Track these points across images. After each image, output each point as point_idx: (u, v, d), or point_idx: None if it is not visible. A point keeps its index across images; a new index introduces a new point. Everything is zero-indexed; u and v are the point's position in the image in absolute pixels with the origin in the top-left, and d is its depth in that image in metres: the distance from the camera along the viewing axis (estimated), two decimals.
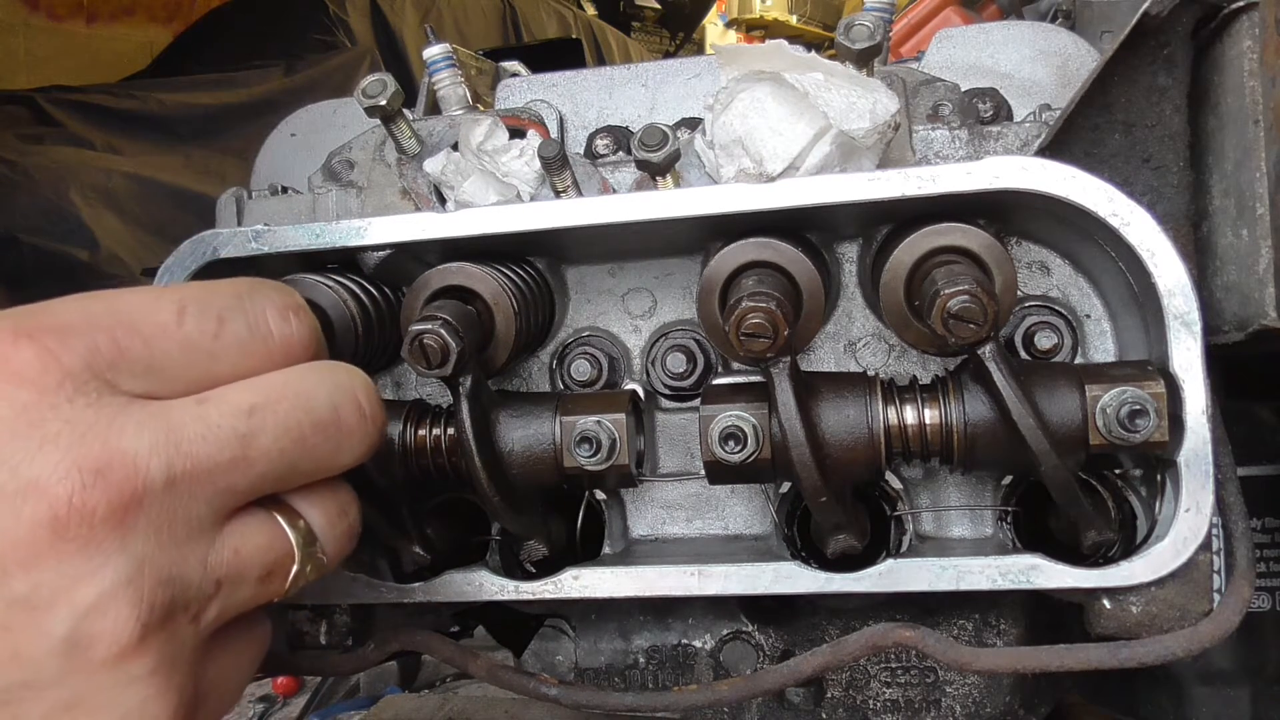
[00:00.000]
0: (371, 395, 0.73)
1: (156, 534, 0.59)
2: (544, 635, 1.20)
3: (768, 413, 0.86)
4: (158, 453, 0.59)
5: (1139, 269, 0.84)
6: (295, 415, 0.66)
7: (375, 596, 0.98)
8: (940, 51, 1.26)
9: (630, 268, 1.06)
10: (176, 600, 0.60)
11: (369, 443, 0.72)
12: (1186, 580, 0.85)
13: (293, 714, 3.58)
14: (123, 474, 0.57)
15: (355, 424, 0.70)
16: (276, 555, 0.67)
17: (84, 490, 0.56)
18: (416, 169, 1.15)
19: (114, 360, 0.61)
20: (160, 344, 0.63)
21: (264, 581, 0.67)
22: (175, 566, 0.60)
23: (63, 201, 3.77)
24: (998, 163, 0.83)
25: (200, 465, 0.61)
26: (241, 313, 0.68)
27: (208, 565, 0.62)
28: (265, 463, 0.65)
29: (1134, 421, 0.82)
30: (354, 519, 0.74)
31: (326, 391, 0.69)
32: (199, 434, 0.61)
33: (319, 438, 0.68)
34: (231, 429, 0.63)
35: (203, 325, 0.65)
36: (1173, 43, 0.90)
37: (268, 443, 0.64)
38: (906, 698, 1.11)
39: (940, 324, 0.79)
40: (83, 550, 0.56)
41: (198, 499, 0.61)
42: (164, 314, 0.64)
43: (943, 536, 0.99)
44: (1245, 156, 0.87)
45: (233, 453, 0.63)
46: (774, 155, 0.89)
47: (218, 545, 0.63)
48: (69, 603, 0.56)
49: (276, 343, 0.69)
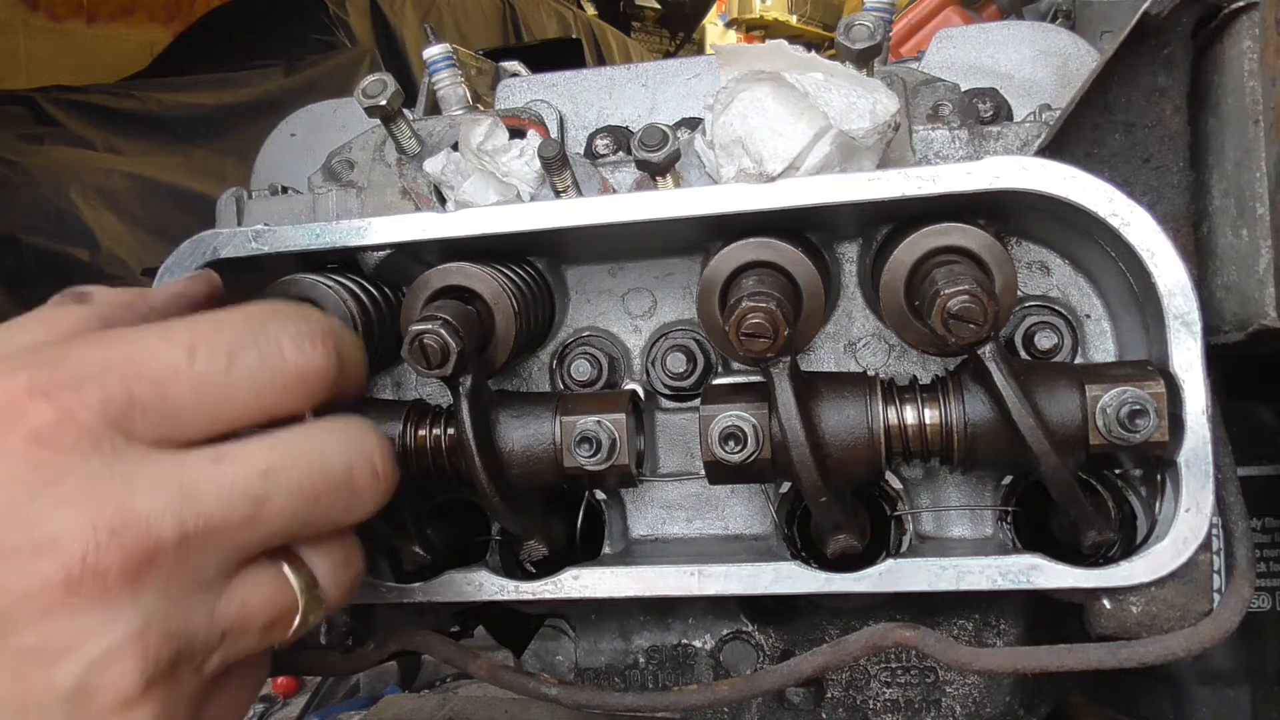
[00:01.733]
0: (386, 455, 0.73)
1: (166, 590, 0.60)
2: (544, 635, 1.20)
3: (768, 413, 0.86)
4: (171, 512, 0.60)
5: (1139, 269, 0.84)
6: (310, 477, 0.67)
7: (375, 597, 0.98)
8: (940, 51, 1.26)
9: (630, 268, 1.06)
10: (181, 653, 0.62)
11: (380, 501, 0.73)
12: (1186, 580, 0.85)
13: (293, 714, 3.58)
14: (136, 534, 0.59)
15: (368, 485, 0.71)
16: (281, 606, 0.68)
17: (98, 549, 0.58)
18: (416, 169, 1.15)
19: (128, 409, 0.62)
20: (173, 388, 0.63)
21: (267, 631, 0.68)
22: (182, 621, 0.62)
23: (63, 201, 3.77)
24: (998, 163, 0.83)
25: (212, 525, 0.62)
26: (254, 346, 0.67)
27: (214, 618, 0.64)
28: (277, 522, 0.66)
29: (1134, 421, 0.81)
30: (358, 569, 0.75)
31: (342, 451, 0.69)
32: (213, 493, 0.62)
33: (331, 497, 0.68)
34: (245, 490, 0.63)
35: (214, 362, 0.65)
36: (1173, 43, 0.90)
37: (281, 503, 0.65)
38: (906, 698, 1.11)
39: (940, 324, 0.79)
40: (94, 606, 0.58)
41: (208, 556, 0.63)
42: (175, 355, 0.64)
43: (943, 536, 0.99)
44: (1245, 156, 0.87)
45: (245, 513, 0.63)
46: (774, 155, 0.89)
47: (225, 598, 0.64)
48: (78, 655, 0.58)
49: (292, 375, 0.68)
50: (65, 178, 3.82)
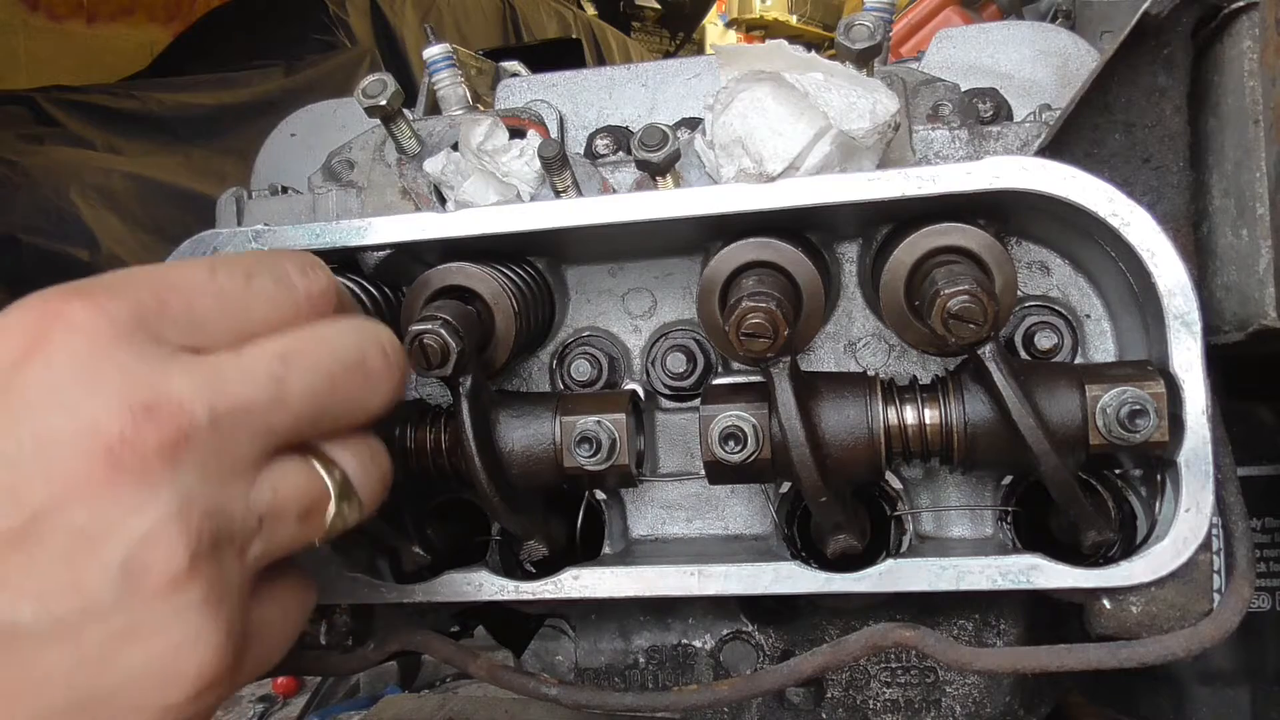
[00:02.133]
0: (394, 343, 0.78)
1: (203, 469, 0.63)
2: (544, 635, 1.20)
3: (768, 413, 0.86)
4: (201, 394, 0.64)
5: (1139, 269, 0.84)
6: (324, 360, 0.72)
7: (375, 597, 0.98)
8: (940, 51, 1.26)
9: (630, 268, 1.06)
10: (222, 533, 0.64)
11: (394, 386, 0.77)
12: (1186, 580, 0.85)
13: (293, 714, 3.58)
14: (170, 412, 0.62)
15: (381, 368, 0.76)
16: (313, 496, 0.72)
17: (135, 426, 0.61)
18: (416, 169, 1.15)
19: (158, 313, 0.66)
20: (198, 299, 0.69)
21: (303, 521, 0.71)
22: (220, 501, 0.64)
23: (63, 201, 3.77)
24: (998, 163, 0.83)
25: (240, 405, 0.66)
26: (266, 268, 0.74)
27: (250, 502, 0.67)
28: (299, 403, 0.70)
29: (1134, 421, 0.82)
30: (385, 466, 0.79)
31: (353, 339, 0.75)
32: (238, 378, 0.67)
33: (347, 380, 0.73)
34: (267, 372, 0.68)
35: (233, 279, 0.71)
36: (1173, 43, 0.90)
37: (300, 384, 0.70)
38: (906, 698, 1.11)
39: (940, 324, 0.79)
40: (136, 483, 0.60)
41: (239, 438, 0.66)
42: (198, 274, 0.71)
43: (943, 536, 0.99)
44: (1245, 156, 0.87)
45: (269, 394, 0.68)
46: (774, 155, 0.89)
47: (259, 484, 0.68)
48: (124, 532, 0.60)
49: (301, 293, 0.75)
50: (65, 178, 3.82)
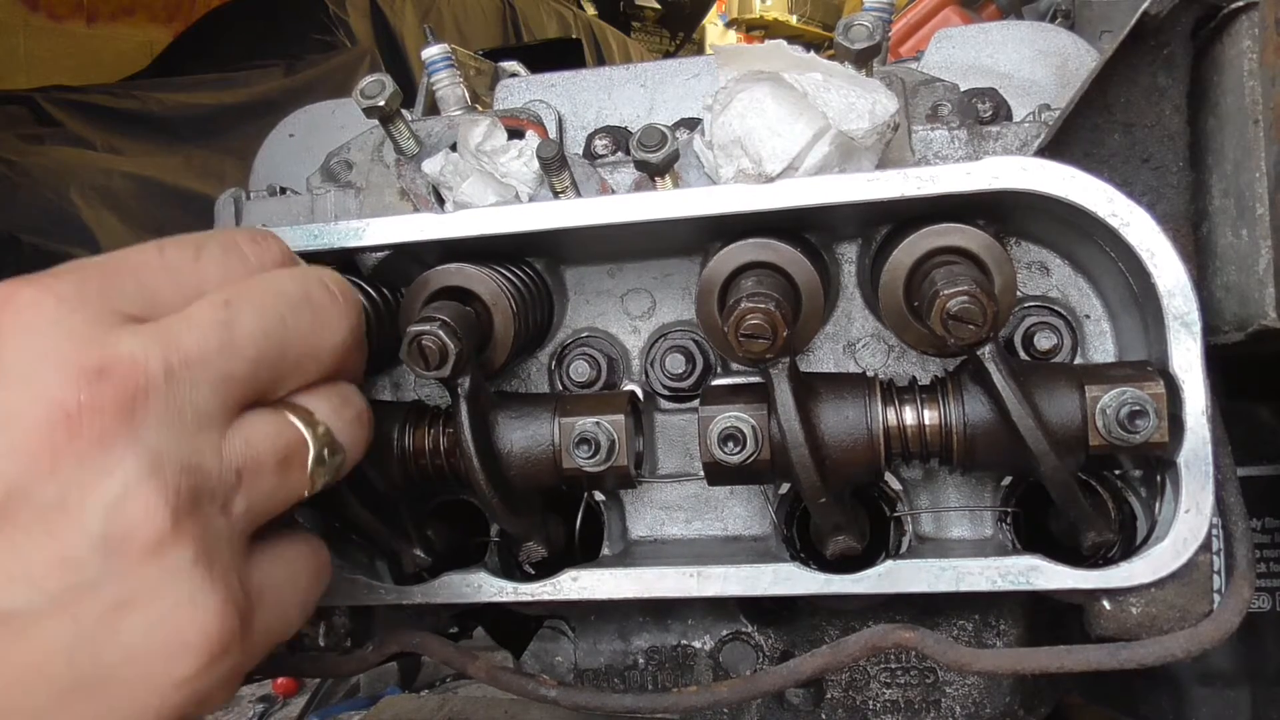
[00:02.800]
0: (337, 278, 0.78)
1: (167, 424, 0.63)
2: (543, 636, 1.20)
3: (767, 414, 0.86)
4: (152, 349, 0.64)
5: (1139, 269, 0.84)
6: (268, 299, 0.72)
7: (375, 598, 0.98)
8: (939, 51, 1.26)
9: (629, 268, 1.06)
10: (200, 487, 0.64)
11: (347, 320, 0.77)
12: (1186, 581, 0.85)
13: (293, 714, 3.58)
14: (123, 371, 0.62)
15: (327, 301, 0.76)
16: (289, 444, 0.71)
17: (90, 390, 0.60)
18: (415, 169, 1.14)
19: (106, 289, 0.67)
20: (146, 274, 0.70)
21: (282, 470, 0.71)
22: (191, 454, 0.64)
23: (63, 201, 3.77)
24: (997, 163, 0.83)
25: (193, 353, 0.65)
26: (215, 240, 0.75)
27: (223, 454, 0.66)
28: (251, 345, 0.69)
29: (1134, 422, 0.81)
30: (360, 407, 0.79)
31: (293, 279, 0.75)
32: (185, 329, 0.66)
33: (296, 317, 0.73)
34: (213, 319, 0.68)
35: (182, 253, 0.72)
36: (1173, 43, 0.90)
37: (249, 325, 0.69)
38: (906, 698, 1.11)
39: (940, 324, 0.79)
40: (99, 445, 0.60)
41: (199, 387, 0.65)
42: (146, 252, 0.71)
43: (942, 537, 0.99)
44: (1245, 156, 0.87)
45: (219, 338, 0.67)
46: (773, 155, 0.89)
47: (229, 436, 0.67)
48: (98, 498, 0.60)
49: (252, 261, 0.75)
50: (65, 178, 3.82)
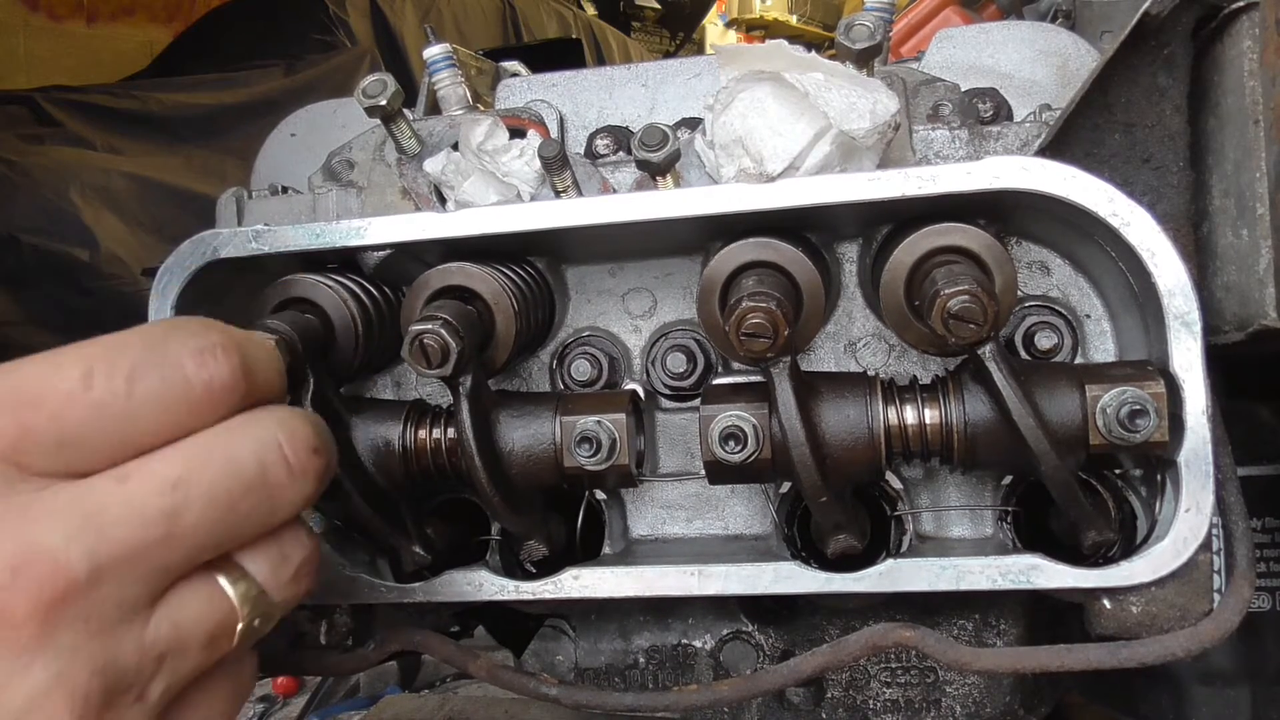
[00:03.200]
0: (299, 445, 0.67)
1: (85, 626, 0.56)
2: (544, 635, 1.20)
3: (768, 413, 0.86)
4: (78, 542, 0.56)
5: (1139, 269, 0.84)
6: (222, 483, 0.63)
7: (375, 596, 0.98)
8: (940, 51, 1.26)
9: (630, 268, 1.06)
10: (113, 688, 0.58)
11: (305, 494, 0.68)
12: (1186, 580, 0.85)
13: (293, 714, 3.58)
14: (41, 570, 0.55)
15: (284, 479, 0.66)
16: (218, 618, 0.64)
17: (3, 593, 0.54)
18: (416, 169, 1.14)
19: (19, 442, 0.58)
20: (69, 415, 0.59)
21: (210, 646, 0.64)
22: (108, 655, 0.57)
23: (63, 201, 3.78)
24: (998, 163, 0.83)
25: (126, 550, 0.58)
26: (154, 365, 0.62)
27: (145, 646, 0.60)
28: (195, 536, 0.62)
29: (1134, 421, 0.81)
30: (300, 560, 0.70)
31: (252, 449, 0.65)
32: (121, 516, 0.58)
33: (249, 501, 0.64)
34: (156, 508, 0.59)
35: (112, 385, 0.60)
36: (1173, 43, 0.90)
37: (195, 516, 0.61)
38: (906, 698, 1.11)
39: (940, 324, 0.79)
40: (6, 652, 0.54)
41: (127, 583, 0.58)
42: (68, 381, 0.60)
43: (943, 536, 0.99)
44: (1245, 156, 0.87)
45: (160, 532, 0.59)
46: (774, 155, 0.89)
47: (154, 623, 0.60)
48: (1, 707, 0.54)
49: (197, 390, 0.64)
50: (65, 178, 3.83)
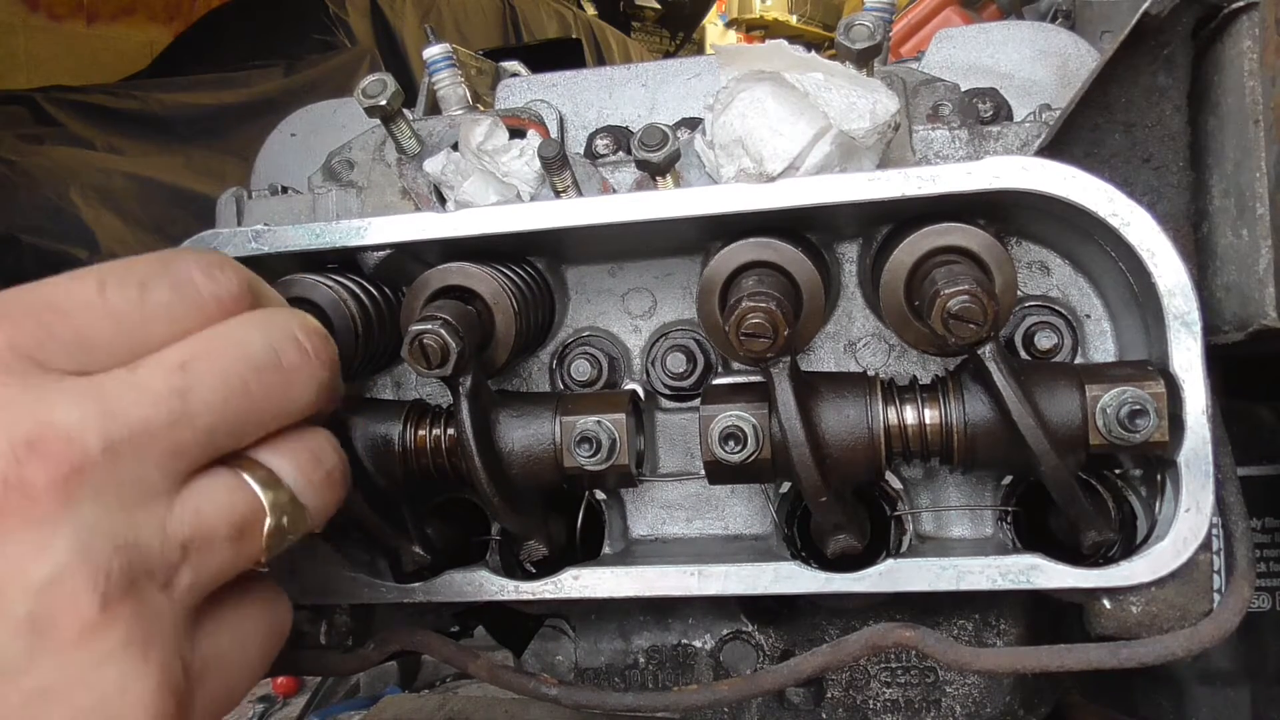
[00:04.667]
0: (312, 332, 0.71)
1: (104, 502, 0.57)
2: (544, 635, 1.20)
3: (768, 413, 0.86)
4: (92, 420, 0.58)
5: (1139, 269, 0.84)
6: (231, 363, 0.65)
7: (375, 596, 0.98)
8: (940, 51, 1.26)
9: (630, 268, 1.06)
10: (136, 567, 0.58)
11: (318, 380, 0.70)
12: (1186, 580, 0.85)
13: (293, 714, 3.58)
14: (57, 445, 0.56)
15: (299, 362, 0.68)
16: (243, 510, 0.65)
17: (18, 465, 0.55)
18: (416, 169, 1.15)
19: (39, 339, 0.60)
20: (85, 318, 0.62)
21: (237, 541, 0.64)
22: (129, 532, 0.58)
23: (63, 201, 3.77)
24: (998, 163, 0.83)
25: (138, 427, 0.59)
26: (165, 276, 0.66)
27: (167, 529, 0.61)
28: (209, 416, 0.63)
29: (1134, 421, 0.81)
30: (331, 464, 0.71)
31: (261, 335, 0.67)
32: (132, 398, 0.60)
33: (261, 382, 0.66)
34: (165, 386, 0.61)
35: (126, 294, 0.64)
36: (1173, 43, 0.90)
37: (207, 395, 0.63)
38: (906, 698, 1.11)
39: (940, 324, 0.79)
40: (27, 526, 0.55)
41: (144, 462, 0.60)
42: (85, 290, 0.63)
43: (943, 536, 0.99)
44: (1245, 156, 0.87)
45: (170, 410, 0.61)
46: (774, 155, 0.89)
47: (176, 508, 0.61)
48: (23, 581, 0.55)
49: (206, 300, 0.67)
50: (65, 178, 3.82)
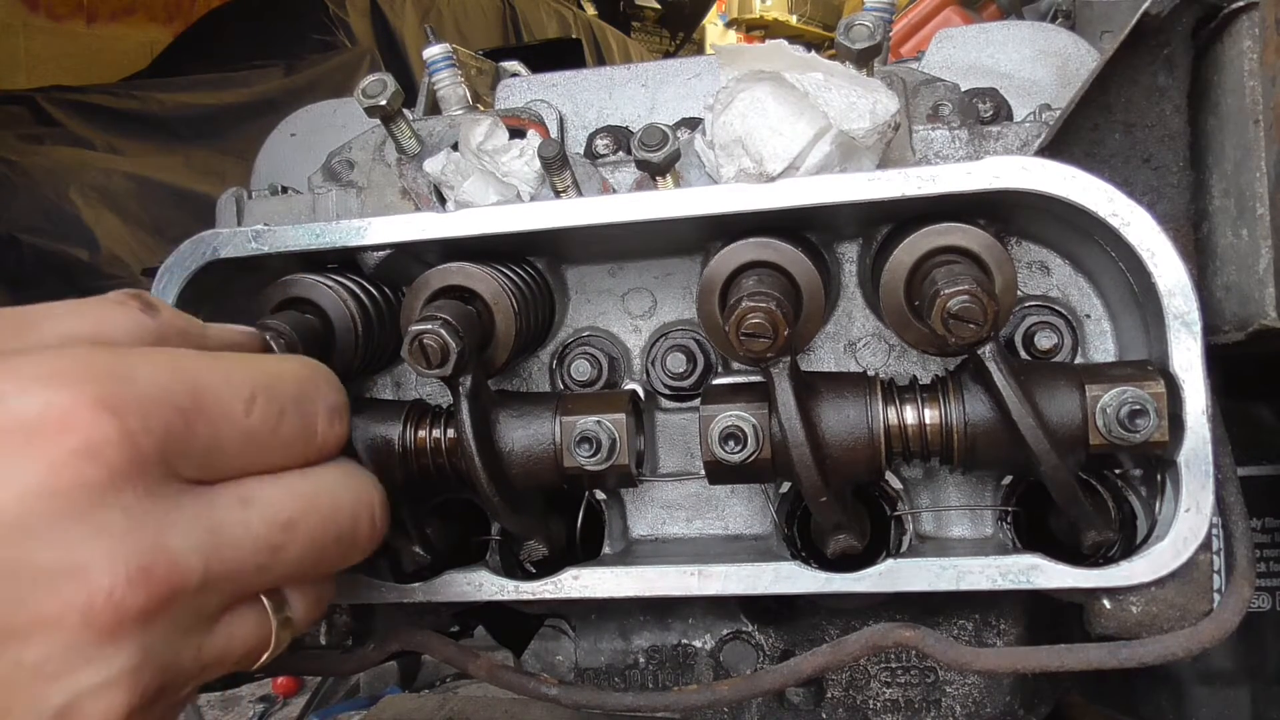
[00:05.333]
0: (383, 506, 0.77)
1: (173, 629, 0.61)
2: (544, 635, 1.20)
3: (768, 413, 0.86)
4: (199, 555, 0.61)
5: (1139, 269, 0.84)
6: (324, 529, 0.70)
7: (375, 596, 0.98)
8: (940, 51, 1.26)
9: (630, 268, 1.06)
10: (165, 688, 0.62)
11: (369, 552, 0.76)
12: (1186, 580, 0.85)
13: (293, 714, 3.58)
14: (165, 574, 0.59)
15: (367, 536, 0.75)
16: (257, 642, 0.70)
17: (126, 586, 0.57)
18: (416, 169, 1.15)
19: (183, 446, 0.62)
20: (225, 432, 0.65)
21: (239, 663, 0.70)
22: (175, 657, 0.62)
23: (63, 201, 3.78)
24: (998, 163, 0.83)
25: (232, 570, 0.63)
26: (300, 410, 0.71)
27: (201, 655, 0.64)
28: (286, 569, 0.68)
29: (1134, 421, 0.81)
30: (324, 606, 0.77)
31: (350, 504, 0.73)
32: (237, 540, 0.64)
33: (336, 548, 0.72)
34: (267, 541, 0.66)
35: (266, 420, 0.68)
36: (1173, 43, 0.90)
37: (296, 553, 0.68)
38: (906, 698, 1.11)
39: (940, 324, 0.79)
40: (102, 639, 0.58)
41: (217, 596, 0.64)
42: (237, 402, 0.66)
43: (943, 536, 0.99)
44: (1245, 156, 0.87)
45: (261, 561, 0.65)
46: (774, 155, 0.89)
47: (213, 635, 0.65)
48: (73, 681, 0.57)
49: (318, 444, 0.72)
50: (65, 178, 3.83)
